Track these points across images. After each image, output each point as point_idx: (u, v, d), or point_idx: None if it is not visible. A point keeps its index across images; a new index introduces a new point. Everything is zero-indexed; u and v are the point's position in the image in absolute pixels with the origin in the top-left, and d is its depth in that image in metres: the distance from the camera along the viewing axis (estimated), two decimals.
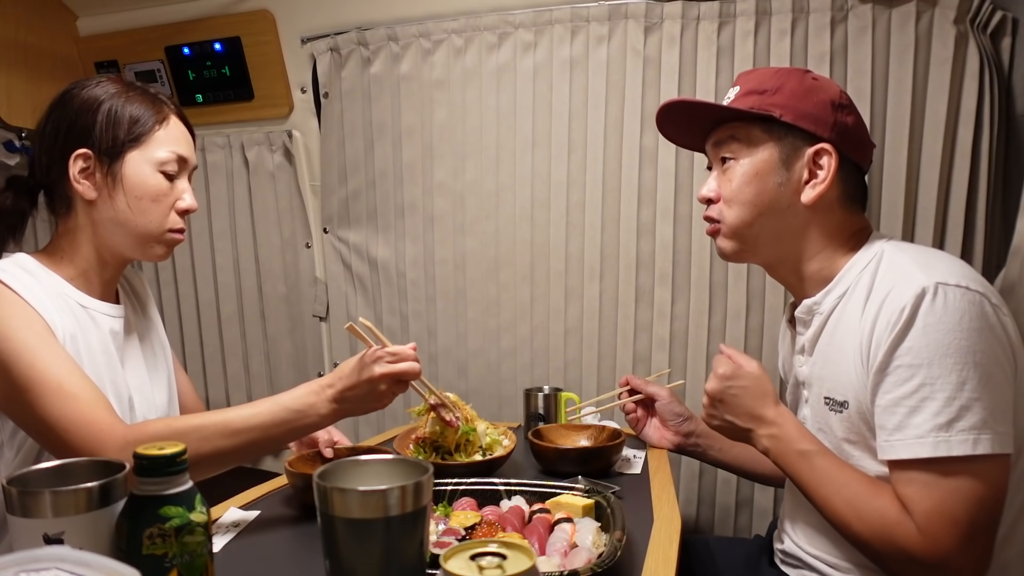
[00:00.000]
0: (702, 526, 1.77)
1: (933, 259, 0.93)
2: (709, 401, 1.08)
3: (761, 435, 1.03)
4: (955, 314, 0.85)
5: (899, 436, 0.87)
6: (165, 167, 1.07)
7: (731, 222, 1.07)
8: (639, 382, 1.40)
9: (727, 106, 1.06)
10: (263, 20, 1.91)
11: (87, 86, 1.06)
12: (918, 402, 0.86)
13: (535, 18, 1.73)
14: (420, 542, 0.62)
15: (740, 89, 1.07)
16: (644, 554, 0.88)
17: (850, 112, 1.04)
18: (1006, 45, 1.49)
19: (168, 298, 2.23)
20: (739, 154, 1.05)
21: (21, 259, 1.03)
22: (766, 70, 1.08)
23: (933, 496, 0.85)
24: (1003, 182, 1.54)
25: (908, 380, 0.87)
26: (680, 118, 1.14)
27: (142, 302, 1.25)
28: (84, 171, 1.04)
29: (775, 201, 1.03)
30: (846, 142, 1.02)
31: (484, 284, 1.87)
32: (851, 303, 0.98)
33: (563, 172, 1.77)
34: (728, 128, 1.07)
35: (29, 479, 0.64)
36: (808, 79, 1.04)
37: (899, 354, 0.87)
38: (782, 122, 1.01)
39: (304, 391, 1.01)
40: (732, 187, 1.06)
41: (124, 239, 1.07)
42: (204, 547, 0.64)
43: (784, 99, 1.02)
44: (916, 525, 0.85)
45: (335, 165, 1.97)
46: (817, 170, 1.01)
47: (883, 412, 0.89)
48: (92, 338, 1.05)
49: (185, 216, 1.12)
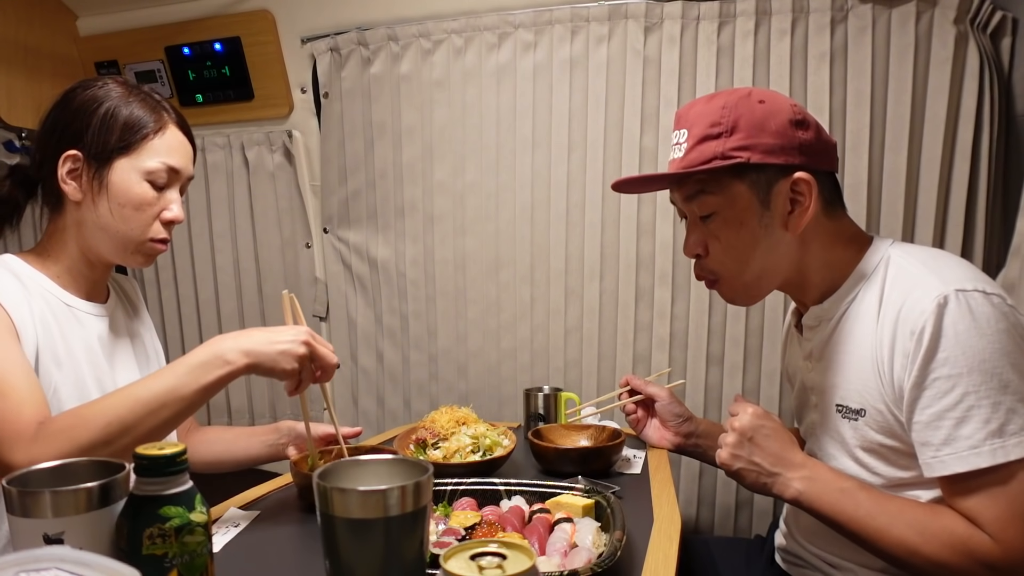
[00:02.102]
0: (702, 526, 1.77)
1: (943, 263, 0.93)
2: (737, 440, 1.01)
3: (792, 478, 0.97)
4: (982, 319, 0.85)
5: (950, 450, 0.85)
6: (153, 177, 1.05)
7: (729, 275, 1.05)
8: (639, 382, 1.40)
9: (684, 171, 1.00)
10: (263, 20, 1.91)
11: (91, 87, 1.05)
12: (964, 412, 0.85)
13: (535, 18, 1.73)
14: (420, 542, 0.62)
15: (689, 134, 1.01)
16: (644, 554, 0.88)
17: (807, 125, 0.99)
18: (1006, 45, 1.49)
19: (168, 298, 2.23)
20: (717, 207, 1.01)
21: (6, 259, 1.03)
22: (707, 105, 1.01)
23: (1000, 503, 0.83)
24: (1003, 182, 1.54)
25: (949, 392, 0.85)
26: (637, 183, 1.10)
27: (134, 306, 1.25)
28: (72, 172, 1.03)
29: (764, 240, 1.01)
30: (813, 158, 0.98)
31: (484, 284, 1.87)
32: (861, 308, 0.98)
33: (563, 172, 1.77)
34: (695, 183, 1.01)
35: (29, 479, 0.64)
36: (755, 104, 0.98)
37: (934, 367, 0.86)
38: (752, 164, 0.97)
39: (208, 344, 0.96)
40: (721, 243, 1.03)
41: (105, 243, 1.06)
42: (204, 547, 0.64)
43: (744, 138, 0.97)
44: (989, 534, 0.84)
45: (335, 165, 1.98)
46: (798, 197, 0.98)
47: (926, 428, 0.87)
48: (74, 335, 1.05)
49: (170, 227, 1.10)
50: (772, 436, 1.00)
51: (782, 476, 0.98)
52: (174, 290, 2.22)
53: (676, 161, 1.02)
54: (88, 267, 1.09)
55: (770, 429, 1.00)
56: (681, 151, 1.01)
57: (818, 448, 1.07)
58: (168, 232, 1.10)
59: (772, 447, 0.99)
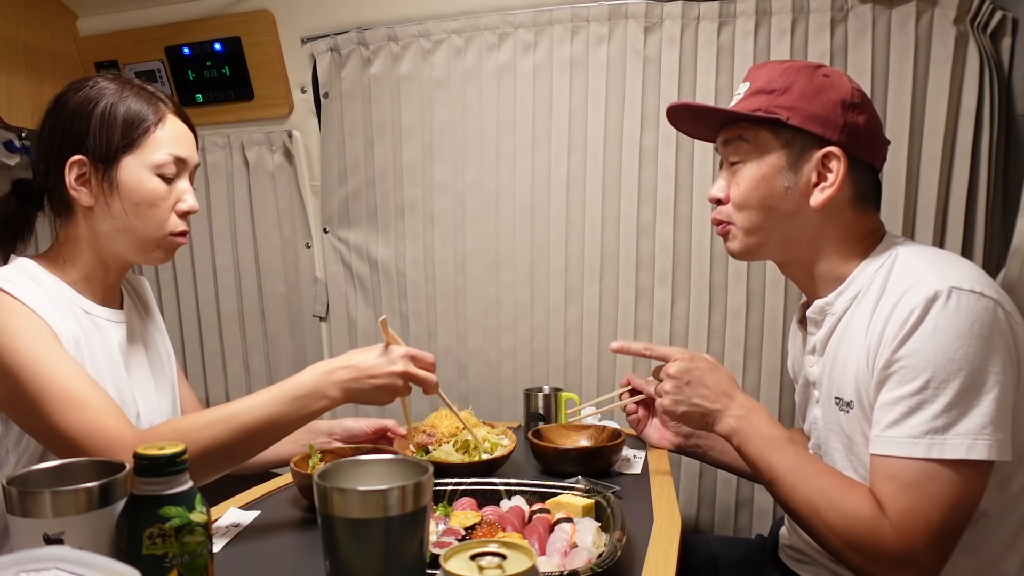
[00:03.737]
0: (702, 526, 1.77)
1: (949, 263, 0.93)
2: (674, 386, 1.06)
3: (730, 416, 1.02)
4: (966, 320, 0.85)
5: (893, 432, 0.87)
6: (162, 170, 1.05)
7: (740, 225, 1.07)
8: (640, 382, 1.40)
9: (731, 110, 1.04)
10: (263, 20, 1.91)
11: (82, 88, 1.04)
12: (918, 403, 0.86)
13: (535, 18, 1.73)
14: (420, 542, 0.62)
15: (749, 86, 1.05)
16: (644, 554, 0.88)
17: (862, 111, 1.01)
18: (1006, 45, 1.49)
19: (168, 298, 2.23)
20: (746, 156, 1.04)
21: (26, 265, 1.03)
22: (776, 65, 1.05)
23: (912, 496, 0.85)
24: (1003, 182, 1.54)
25: (911, 380, 0.86)
26: (687, 117, 1.13)
27: (147, 308, 1.24)
28: (80, 177, 1.02)
29: (783, 204, 1.02)
30: (856, 143, 1.00)
31: (484, 284, 1.87)
32: (863, 305, 0.98)
33: (563, 172, 1.77)
34: (736, 128, 1.06)
35: (29, 479, 0.64)
36: (819, 76, 1.01)
37: (904, 354, 0.87)
38: (789, 125, 1.00)
39: (310, 376, 0.99)
40: (740, 191, 1.05)
41: (124, 244, 1.06)
42: (204, 547, 0.64)
43: (792, 100, 1.00)
44: (890, 521, 0.85)
45: (335, 165, 1.98)
46: (826, 173, 1.00)
47: (882, 408, 0.89)
48: (96, 345, 1.05)
49: (187, 218, 1.09)
50: (708, 372, 1.05)
51: (722, 412, 1.03)
52: (174, 290, 2.22)
53: (730, 107, 1.06)
54: (105, 271, 1.09)
55: (704, 368, 1.05)
56: (736, 99, 1.06)
57: (821, 442, 1.08)
58: (187, 223, 1.10)
59: (710, 382, 1.04)
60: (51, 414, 0.91)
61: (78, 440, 0.91)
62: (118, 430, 0.92)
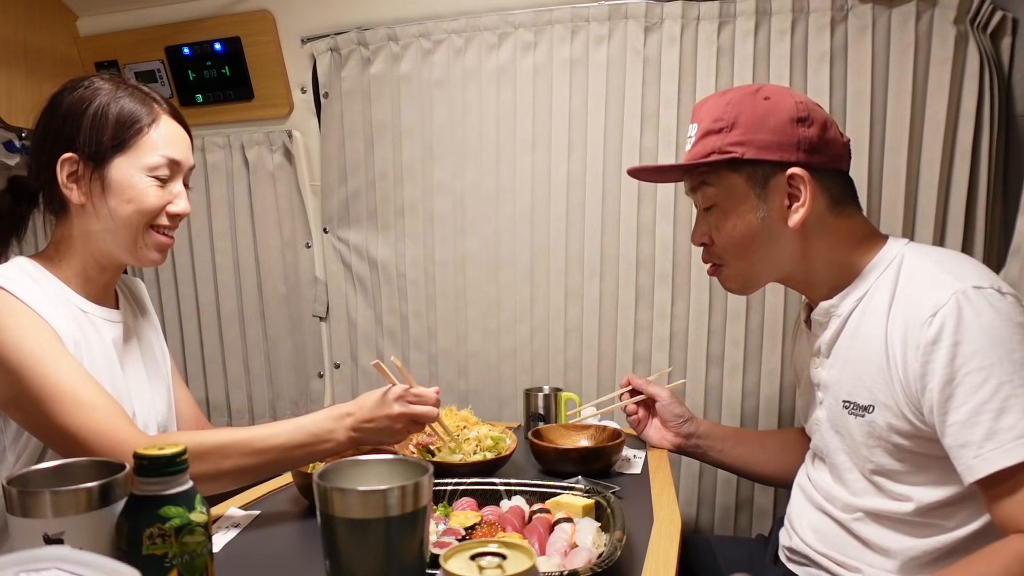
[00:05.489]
0: (702, 526, 1.77)
1: (958, 263, 0.93)
2: None
3: None
4: (1003, 312, 0.85)
5: (993, 445, 0.82)
6: (156, 172, 1.04)
7: (730, 265, 1.09)
8: (641, 382, 1.40)
9: (685, 164, 1.07)
10: (263, 20, 1.91)
11: (78, 87, 1.04)
12: (1002, 403, 0.82)
13: (535, 18, 1.73)
14: (420, 542, 0.62)
15: (698, 128, 1.06)
16: (644, 554, 0.88)
17: (811, 122, 1.01)
18: (1006, 45, 1.49)
19: (168, 298, 2.23)
20: (716, 200, 1.06)
21: (23, 264, 1.03)
22: (718, 100, 1.05)
23: None
24: (1003, 182, 1.54)
25: (983, 384, 0.83)
26: (650, 171, 1.17)
27: (143, 308, 1.24)
28: (72, 176, 1.02)
29: (764, 234, 1.03)
30: (815, 155, 1.00)
31: (484, 284, 1.87)
32: (872, 306, 0.98)
33: (563, 172, 1.77)
34: (698, 175, 1.08)
35: (29, 479, 0.64)
36: (760, 102, 1.01)
37: (963, 361, 0.84)
38: (747, 160, 1.00)
39: (325, 416, 1.03)
40: (721, 236, 1.07)
41: (115, 244, 1.06)
42: (204, 547, 0.64)
43: (741, 134, 1.00)
44: None
45: (335, 165, 1.97)
46: (796, 193, 1.00)
47: (963, 427, 0.84)
48: (93, 344, 1.05)
49: (176, 220, 1.08)
50: None
51: None
52: (174, 290, 2.22)
53: (687, 154, 1.08)
54: (99, 270, 1.09)
55: None
56: (690, 143, 1.07)
57: (823, 444, 1.08)
58: (173, 223, 1.09)
59: None
60: (58, 414, 0.91)
61: (89, 441, 0.91)
62: (130, 433, 0.93)
